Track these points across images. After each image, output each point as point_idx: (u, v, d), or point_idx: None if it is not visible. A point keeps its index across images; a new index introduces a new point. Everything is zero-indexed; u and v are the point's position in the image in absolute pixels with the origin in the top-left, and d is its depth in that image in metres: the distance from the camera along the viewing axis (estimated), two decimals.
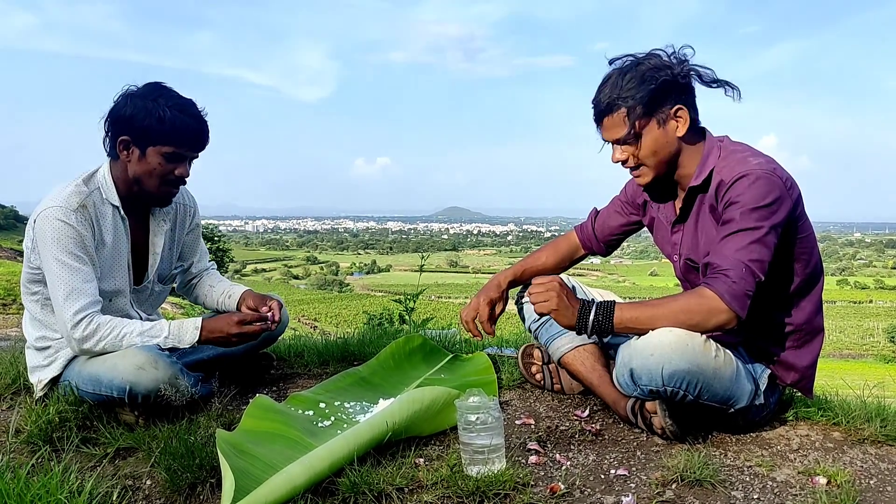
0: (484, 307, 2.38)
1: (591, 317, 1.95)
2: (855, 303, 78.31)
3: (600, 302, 1.97)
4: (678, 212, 2.15)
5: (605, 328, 1.94)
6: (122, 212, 2.27)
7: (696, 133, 2.06)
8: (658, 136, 2.00)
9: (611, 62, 2.03)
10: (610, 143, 2.07)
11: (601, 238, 2.48)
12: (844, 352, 44.25)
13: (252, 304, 2.49)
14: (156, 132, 2.15)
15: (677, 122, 2.00)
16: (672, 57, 2.00)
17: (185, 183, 2.30)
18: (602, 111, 2.03)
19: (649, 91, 1.95)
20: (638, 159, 2.04)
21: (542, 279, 2.04)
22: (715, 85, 2.04)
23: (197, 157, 2.29)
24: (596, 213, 2.51)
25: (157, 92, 2.19)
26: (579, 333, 1.98)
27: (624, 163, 2.07)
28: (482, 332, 2.38)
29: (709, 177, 2.01)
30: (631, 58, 2.01)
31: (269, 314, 2.37)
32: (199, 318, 2.27)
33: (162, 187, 2.25)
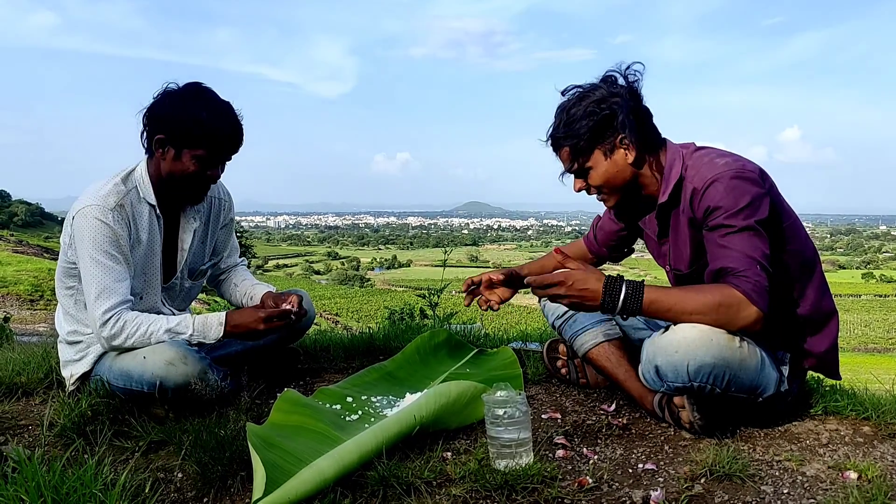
0: (484, 280, 2.40)
1: (623, 293, 1.87)
2: (880, 296, 77.25)
3: (630, 280, 1.95)
4: (659, 227, 2.16)
5: (634, 308, 1.88)
6: (158, 210, 2.31)
7: (653, 150, 2.06)
8: (607, 167, 2.04)
9: (562, 93, 2.07)
10: (569, 175, 2.12)
11: (600, 243, 2.51)
12: (870, 346, 43.70)
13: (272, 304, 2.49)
14: (192, 135, 2.17)
15: (626, 150, 2.02)
16: (623, 76, 2.02)
17: (215, 182, 2.33)
18: (553, 147, 2.10)
19: (589, 127, 1.99)
20: (595, 189, 2.09)
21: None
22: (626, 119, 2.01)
23: (230, 159, 2.31)
24: (598, 220, 2.53)
25: (196, 93, 2.21)
26: (605, 311, 1.92)
27: (587, 191, 2.12)
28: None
29: (677, 190, 2.01)
30: (578, 90, 2.04)
31: (289, 308, 2.38)
32: (223, 313, 2.30)
33: (193, 187, 2.28)
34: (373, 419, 2.11)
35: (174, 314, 2.44)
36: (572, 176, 2.13)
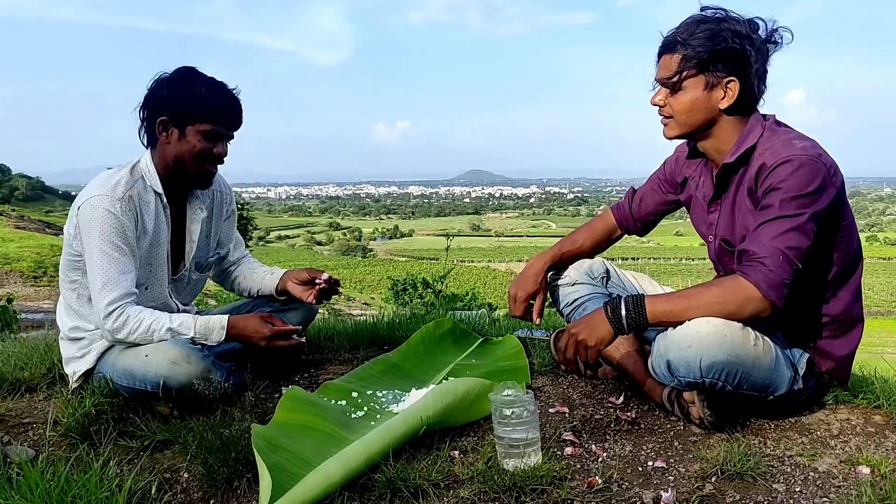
0: (521, 304, 2.38)
1: (623, 312, 1.91)
2: (884, 259, 77.21)
3: (628, 297, 1.94)
4: (714, 189, 2.09)
5: (640, 323, 1.91)
6: (165, 199, 2.29)
7: (744, 110, 1.99)
8: (699, 97, 1.95)
9: (702, 8, 1.97)
10: (657, 84, 2.03)
11: (638, 217, 2.44)
12: (873, 309, 43.83)
13: (299, 278, 2.55)
14: (194, 111, 2.19)
15: (725, 93, 1.94)
16: (763, 32, 1.94)
17: (222, 162, 2.32)
18: (663, 47, 2.00)
19: (712, 50, 1.90)
20: (671, 109, 2.00)
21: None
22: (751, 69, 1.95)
23: (233, 136, 2.32)
24: (633, 192, 2.46)
25: (189, 73, 2.24)
26: (618, 333, 1.94)
27: (660, 108, 2.03)
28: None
29: (745, 156, 1.95)
30: (722, 12, 1.94)
31: (298, 337, 2.37)
32: (226, 317, 2.28)
33: (201, 167, 2.27)
34: (379, 416, 2.10)
35: (179, 308, 2.43)
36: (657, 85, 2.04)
